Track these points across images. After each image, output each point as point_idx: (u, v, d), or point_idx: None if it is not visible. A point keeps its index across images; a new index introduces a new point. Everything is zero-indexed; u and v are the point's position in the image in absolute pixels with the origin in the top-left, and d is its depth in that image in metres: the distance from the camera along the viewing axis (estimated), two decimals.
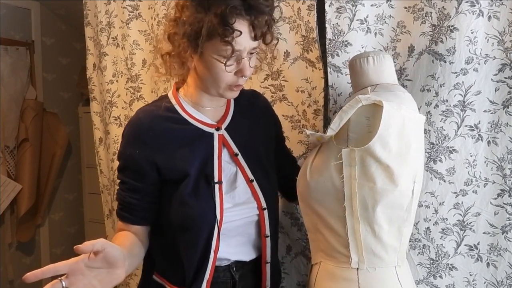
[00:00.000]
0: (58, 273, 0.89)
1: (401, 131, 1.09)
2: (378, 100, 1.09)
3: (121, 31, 1.94)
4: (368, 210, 1.11)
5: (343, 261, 1.16)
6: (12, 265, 2.91)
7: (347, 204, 1.12)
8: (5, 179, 2.77)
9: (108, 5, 1.96)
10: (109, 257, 0.95)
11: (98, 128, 2.12)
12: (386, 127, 1.07)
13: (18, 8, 2.89)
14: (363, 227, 1.12)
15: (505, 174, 1.35)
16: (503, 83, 1.33)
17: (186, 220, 1.14)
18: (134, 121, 1.19)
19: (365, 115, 1.13)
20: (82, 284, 0.92)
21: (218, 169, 1.18)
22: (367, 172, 1.09)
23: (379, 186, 1.09)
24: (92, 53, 2.10)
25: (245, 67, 1.10)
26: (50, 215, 3.16)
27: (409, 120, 1.11)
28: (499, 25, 1.31)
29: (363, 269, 1.14)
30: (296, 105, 1.61)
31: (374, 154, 1.07)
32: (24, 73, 2.91)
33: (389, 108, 1.08)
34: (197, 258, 1.15)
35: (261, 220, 1.23)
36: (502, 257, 1.38)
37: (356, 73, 1.27)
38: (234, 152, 1.22)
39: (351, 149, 1.10)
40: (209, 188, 1.15)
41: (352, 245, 1.14)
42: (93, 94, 2.13)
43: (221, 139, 1.21)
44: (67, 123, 3.18)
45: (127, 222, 1.19)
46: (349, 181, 1.11)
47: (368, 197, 1.10)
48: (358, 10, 1.44)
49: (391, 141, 1.08)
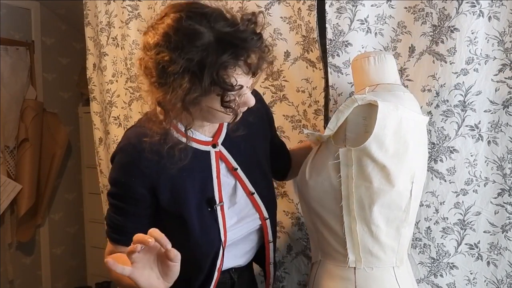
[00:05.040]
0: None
1: (398, 131, 1.09)
2: (373, 100, 1.09)
3: (121, 31, 1.94)
4: (365, 210, 1.11)
5: (341, 260, 1.17)
6: (12, 265, 2.90)
7: (344, 204, 1.13)
8: (5, 179, 2.77)
9: (108, 5, 1.96)
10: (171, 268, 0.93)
11: (98, 128, 2.12)
12: (382, 127, 1.07)
13: (18, 8, 2.88)
14: (360, 227, 1.13)
15: (505, 173, 1.36)
16: (503, 83, 1.34)
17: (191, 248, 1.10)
18: (126, 146, 1.10)
19: (362, 115, 1.13)
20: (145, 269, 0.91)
21: (218, 190, 1.14)
22: (363, 172, 1.10)
23: (375, 186, 1.09)
24: (92, 53, 2.10)
25: (248, 99, 1.05)
26: (50, 215, 3.16)
27: (407, 120, 1.11)
28: (499, 26, 1.32)
29: (360, 269, 1.15)
30: (297, 105, 1.62)
31: (370, 154, 1.08)
32: (24, 73, 2.91)
33: (384, 108, 1.08)
34: (201, 278, 1.15)
35: (264, 228, 1.23)
36: (502, 255, 1.39)
37: (358, 73, 1.27)
38: (233, 167, 1.18)
39: (348, 149, 1.11)
40: (212, 211, 1.12)
41: (349, 245, 1.15)
42: (93, 94, 2.13)
43: (218, 155, 1.16)
44: (67, 123, 3.18)
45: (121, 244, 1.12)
46: (346, 181, 1.12)
47: (365, 197, 1.11)
48: (359, 10, 1.44)
49: (387, 141, 1.08)
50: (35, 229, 3.04)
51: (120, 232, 1.13)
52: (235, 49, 0.94)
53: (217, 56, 0.92)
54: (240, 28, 0.96)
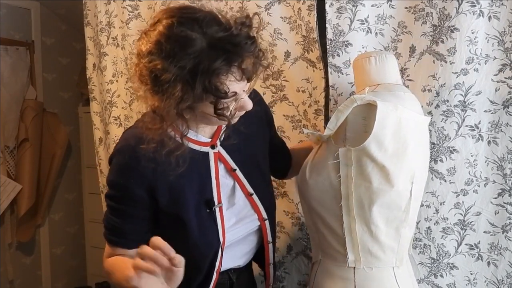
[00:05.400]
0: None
1: (397, 131, 1.09)
2: (372, 100, 1.09)
3: (121, 31, 1.94)
4: (365, 210, 1.12)
5: (341, 260, 1.17)
6: (12, 265, 2.90)
7: (343, 203, 1.13)
8: (5, 179, 2.77)
9: (108, 5, 1.96)
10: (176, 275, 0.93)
11: (98, 128, 2.12)
12: (381, 127, 1.07)
13: (18, 8, 2.88)
14: (360, 227, 1.13)
15: (506, 173, 1.36)
16: (503, 83, 1.34)
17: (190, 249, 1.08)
18: (124, 148, 1.09)
19: (362, 115, 1.13)
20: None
21: (217, 191, 1.13)
22: (363, 172, 1.10)
23: (375, 185, 1.09)
24: (92, 53, 2.10)
25: (245, 103, 1.03)
26: (50, 215, 3.16)
27: (406, 121, 1.11)
28: (500, 26, 1.32)
29: (360, 269, 1.15)
30: (297, 105, 1.62)
31: (370, 154, 1.08)
32: (24, 73, 2.91)
33: (383, 108, 1.08)
34: (199, 279, 1.14)
35: (263, 229, 1.22)
36: (502, 256, 1.39)
37: (359, 73, 1.27)
38: (232, 168, 1.17)
39: (347, 149, 1.11)
40: (211, 213, 1.12)
41: (348, 244, 1.15)
42: (93, 94, 2.12)
43: (217, 156, 1.15)
44: (67, 123, 3.18)
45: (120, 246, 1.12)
46: (346, 181, 1.12)
47: (364, 197, 1.11)
48: (359, 10, 1.44)
49: (386, 141, 1.08)
50: (35, 229, 3.04)
51: (118, 234, 1.12)
52: (228, 54, 0.92)
53: (209, 63, 0.91)
54: (234, 32, 0.94)
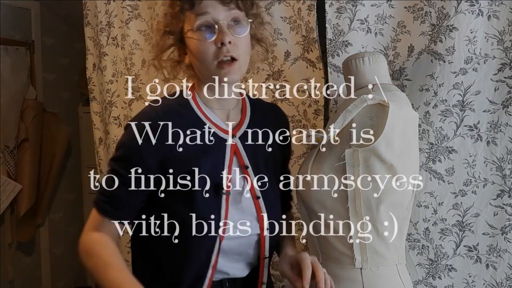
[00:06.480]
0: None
1: (404, 130, 1.10)
2: (383, 100, 1.10)
3: (121, 31, 1.94)
4: (372, 210, 1.11)
5: (347, 262, 1.16)
6: (12, 265, 2.90)
7: (350, 205, 1.12)
8: (5, 179, 2.77)
9: (108, 5, 1.96)
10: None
11: (98, 128, 2.12)
12: (391, 127, 1.08)
13: (18, 8, 2.89)
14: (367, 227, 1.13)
15: (505, 174, 1.35)
16: (502, 82, 1.33)
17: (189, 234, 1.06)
18: (149, 113, 1.09)
19: (369, 115, 1.13)
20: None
21: (227, 180, 1.11)
22: (370, 172, 1.10)
23: (383, 185, 1.09)
24: (92, 53, 2.10)
25: (222, 32, 1.03)
26: (50, 215, 3.16)
27: (410, 119, 1.12)
28: (499, 25, 1.31)
29: (367, 269, 1.15)
30: (297, 105, 1.61)
31: (379, 154, 1.08)
32: (24, 73, 2.91)
33: (393, 108, 1.09)
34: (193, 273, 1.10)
35: (261, 241, 1.16)
36: (501, 258, 1.38)
37: (352, 74, 1.26)
38: (245, 165, 1.15)
39: (354, 150, 1.11)
40: (217, 197, 1.10)
41: (356, 246, 1.14)
42: (93, 94, 2.13)
43: (234, 148, 1.14)
44: (67, 123, 3.18)
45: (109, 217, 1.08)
46: (353, 182, 1.11)
47: (372, 197, 1.11)
48: (358, 10, 1.44)
49: (395, 140, 1.09)
50: (35, 229, 3.04)
51: (112, 202, 1.08)
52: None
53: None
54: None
